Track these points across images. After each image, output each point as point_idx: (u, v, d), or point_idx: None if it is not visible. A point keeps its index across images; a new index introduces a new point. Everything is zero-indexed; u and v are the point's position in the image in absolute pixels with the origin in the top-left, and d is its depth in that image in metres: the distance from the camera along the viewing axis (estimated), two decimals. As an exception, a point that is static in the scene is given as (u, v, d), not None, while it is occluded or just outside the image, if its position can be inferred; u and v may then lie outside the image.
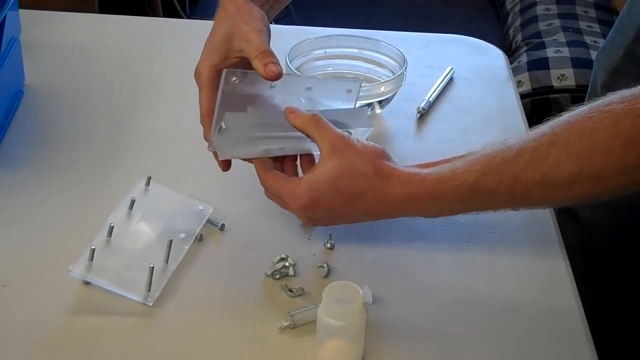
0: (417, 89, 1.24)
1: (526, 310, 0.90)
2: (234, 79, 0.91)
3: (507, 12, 3.22)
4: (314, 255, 0.95)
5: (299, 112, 0.91)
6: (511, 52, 2.89)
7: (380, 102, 1.16)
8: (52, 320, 0.85)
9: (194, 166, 1.07)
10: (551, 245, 0.99)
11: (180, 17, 2.50)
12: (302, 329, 0.85)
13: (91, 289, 0.88)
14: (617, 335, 1.31)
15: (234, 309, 0.88)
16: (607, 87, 1.21)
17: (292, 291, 0.89)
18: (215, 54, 0.94)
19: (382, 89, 1.15)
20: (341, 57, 1.23)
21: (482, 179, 0.84)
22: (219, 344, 0.84)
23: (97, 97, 1.21)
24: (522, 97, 2.55)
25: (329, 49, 1.24)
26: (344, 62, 1.23)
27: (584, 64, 2.65)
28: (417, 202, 0.87)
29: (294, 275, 0.92)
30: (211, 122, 0.93)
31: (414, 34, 1.43)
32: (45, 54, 1.28)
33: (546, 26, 2.91)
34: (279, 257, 0.93)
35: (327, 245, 0.96)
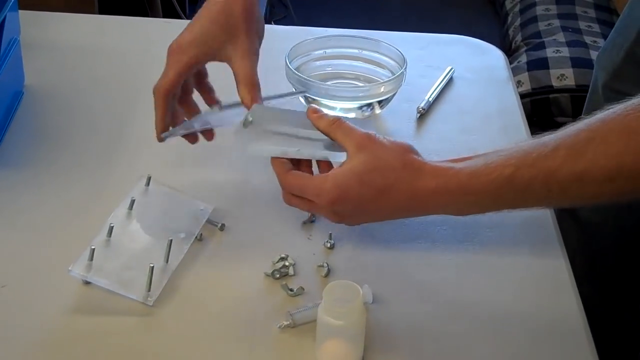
0: (416, 89, 1.24)
1: (526, 309, 0.90)
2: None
3: (506, 12, 3.22)
4: (314, 254, 0.95)
5: (322, 113, 0.91)
6: (511, 52, 2.89)
7: (380, 102, 1.16)
8: (52, 320, 0.85)
9: (194, 166, 1.07)
10: (551, 244, 0.99)
11: (179, 17, 2.50)
12: (302, 328, 0.85)
13: (91, 289, 0.88)
14: (617, 335, 1.31)
15: (234, 308, 0.88)
16: (609, 88, 1.21)
17: (292, 290, 0.89)
18: (207, 45, 0.96)
19: (381, 89, 1.15)
20: (341, 57, 1.23)
21: (518, 172, 0.83)
22: (219, 344, 0.84)
23: (97, 98, 1.21)
24: (522, 97, 2.56)
25: (329, 49, 1.24)
26: (344, 62, 1.24)
27: (584, 63, 2.65)
28: (449, 196, 0.86)
29: (294, 274, 0.92)
30: (164, 100, 0.96)
31: (413, 34, 1.43)
32: (45, 55, 1.28)
33: (546, 26, 2.91)
34: (279, 257, 0.93)
35: (327, 244, 0.96)
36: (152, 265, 0.88)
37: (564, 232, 1.13)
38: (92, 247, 0.88)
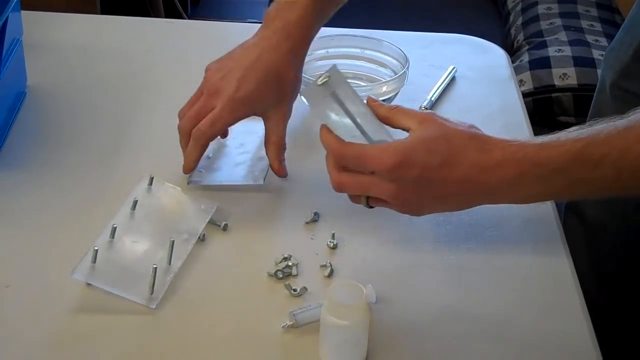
0: (419, 89, 1.23)
1: (529, 309, 0.90)
2: None
3: (508, 11, 3.21)
4: (317, 254, 0.95)
5: (381, 102, 0.90)
6: (513, 52, 2.89)
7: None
8: (55, 320, 0.85)
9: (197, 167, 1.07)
10: (554, 243, 0.98)
11: (181, 17, 2.50)
12: (305, 328, 0.85)
13: (94, 288, 0.88)
14: (623, 335, 1.30)
15: (237, 308, 0.88)
16: (616, 87, 1.21)
17: (295, 290, 0.89)
18: (255, 107, 1.01)
19: (384, 89, 1.15)
20: (343, 57, 1.24)
21: (589, 147, 0.81)
22: (222, 344, 0.84)
23: (99, 98, 1.21)
24: (524, 96, 2.55)
25: (331, 48, 1.24)
26: (346, 62, 1.24)
27: (586, 62, 2.65)
28: (516, 167, 0.83)
29: (297, 274, 0.91)
30: (205, 143, 1.00)
31: (416, 34, 1.43)
32: (47, 55, 1.28)
33: (548, 25, 2.91)
34: (282, 257, 0.93)
35: (330, 244, 0.96)
36: (155, 266, 0.87)
37: (569, 231, 1.12)
38: (95, 249, 0.88)
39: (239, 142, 1.10)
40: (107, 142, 1.11)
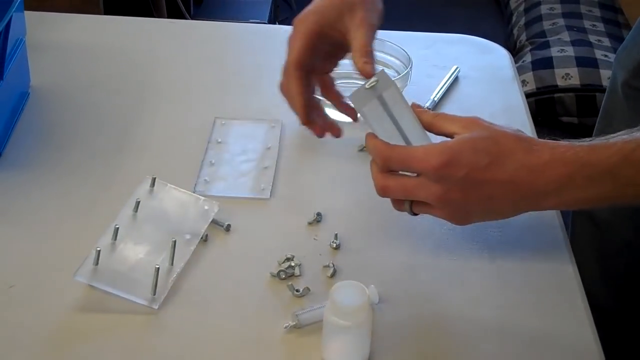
0: (422, 89, 1.23)
1: (532, 310, 0.90)
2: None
3: (511, 11, 3.21)
4: (320, 255, 0.95)
5: (425, 108, 0.89)
6: (515, 52, 2.89)
7: (385, 102, 1.16)
8: (58, 319, 0.86)
9: (199, 167, 1.07)
10: (558, 244, 0.98)
11: (184, 17, 2.50)
12: (308, 328, 0.85)
13: (97, 289, 0.88)
14: (630, 336, 1.30)
15: (239, 309, 0.88)
16: (628, 86, 1.20)
17: (298, 291, 0.89)
18: (326, 14, 0.94)
19: (387, 89, 1.15)
20: (346, 57, 1.23)
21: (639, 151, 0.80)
22: (224, 344, 0.84)
23: (102, 98, 1.21)
24: (527, 96, 2.56)
25: (334, 48, 1.23)
26: (349, 62, 1.23)
27: (589, 63, 2.65)
28: (565, 167, 0.82)
29: (299, 275, 0.91)
30: (299, 72, 0.93)
31: (418, 34, 1.43)
32: (50, 56, 1.28)
33: (550, 25, 2.91)
34: (284, 257, 0.93)
35: (333, 245, 0.95)
36: (157, 267, 0.88)
37: (578, 231, 1.12)
38: (98, 249, 0.88)
39: (240, 147, 1.10)
40: (110, 143, 1.11)
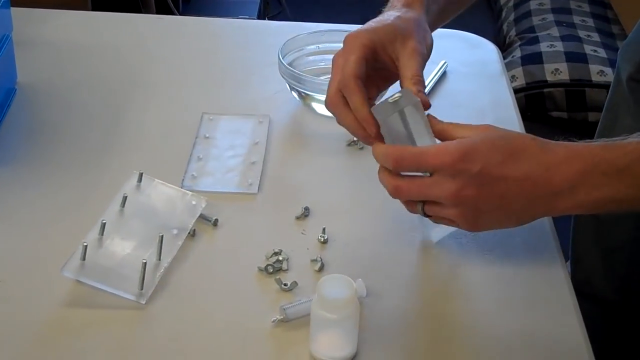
0: (410, 83, 1.23)
1: (520, 302, 0.90)
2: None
3: (500, 7, 3.22)
4: (308, 249, 0.95)
5: (439, 120, 0.89)
6: (505, 47, 2.89)
7: (373, 97, 1.16)
8: (46, 315, 0.85)
9: (187, 162, 1.06)
10: (547, 237, 0.98)
11: (172, 13, 2.50)
12: (295, 322, 0.85)
13: (84, 284, 0.88)
14: (633, 329, 1.29)
15: (227, 303, 0.88)
16: (633, 80, 1.20)
17: (285, 285, 0.89)
18: (381, 34, 0.94)
19: (374, 83, 1.15)
20: (334, 52, 1.22)
21: None
22: (212, 338, 0.84)
23: (90, 94, 1.20)
24: (516, 91, 2.56)
25: (322, 44, 1.24)
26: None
27: (578, 58, 2.65)
28: (581, 163, 0.82)
29: (287, 269, 0.91)
30: (360, 83, 0.91)
31: (406, 29, 1.43)
32: (37, 52, 1.28)
33: (540, 21, 2.91)
34: (272, 251, 0.93)
35: (321, 239, 0.95)
36: (144, 261, 0.87)
37: (580, 225, 1.11)
38: (85, 244, 0.88)
39: (228, 142, 1.10)
40: (98, 139, 1.11)
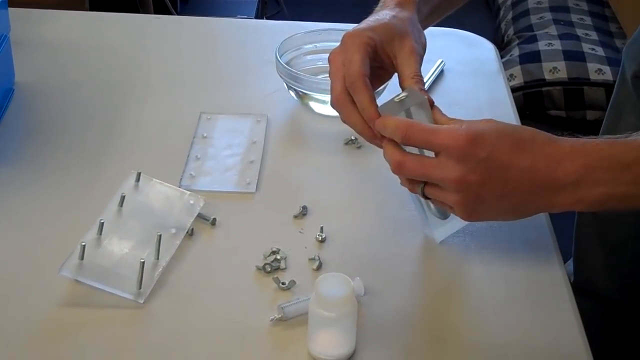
0: (407, 82, 1.23)
1: (518, 300, 0.90)
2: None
3: (498, 5, 3.22)
4: (306, 248, 0.95)
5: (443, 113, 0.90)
6: (503, 46, 2.89)
7: (370, 96, 1.16)
8: (44, 314, 0.86)
9: (185, 161, 1.07)
10: (546, 236, 0.98)
11: (170, 13, 2.50)
12: (294, 321, 0.85)
13: (82, 283, 0.88)
14: (636, 330, 1.29)
15: (225, 302, 0.88)
16: (638, 78, 1.20)
17: (283, 284, 0.89)
18: (379, 33, 0.94)
19: (372, 82, 1.15)
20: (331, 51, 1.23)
21: None
22: (210, 337, 0.84)
23: (88, 94, 1.21)
24: (515, 90, 2.56)
25: (319, 43, 1.24)
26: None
27: (576, 56, 2.65)
28: (584, 157, 0.82)
29: (285, 268, 0.92)
30: (363, 82, 0.90)
31: (404, 28, 1.43)
32: (35, 52, 1.28)
33: (538, 19, 2.91)
34: (270, 250, 0.93)
35: (319, 238, 0.96)
36: (142, 260, 0.88)
37: (583, 222, 1.11)
38: (83, 244, 0.88)
39: (226, 142, 1.10)
40: (96, 139, 1.11)
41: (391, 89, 1.09)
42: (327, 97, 1.14)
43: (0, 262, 0.92)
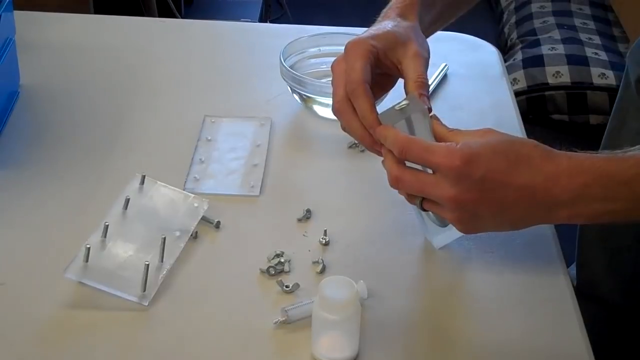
0: (411, 86, 1.24)
1: (521, 304, 0.91)
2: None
3: (502, 9, 3.22)
4: (310, 251, 0.95)
5: (442, 123, 0.89)
6: (506, 50, 2.90)
7: (374, 99, 1.16)
8: (48, 317, 0.86)
9: (189, 164, 1.07)
10: (548, 240, 0.99)
11: (175, 17, 2.50)
12: (297, 324, 0.85)
13: (87, 286, 0.88)
14: (639, 334, 1.29)
15: (229, 305, 0.88)
16: None
17: (287, 287, 0.89)
18: (382, 40, 0.94)
19: (376, 86, 1.15)
20: (335, 55, 1.21)
21: None
22: (214, 340, 0.84)
23: (92, 97, 1.21)
24: (518, 94, 2.56)
25: (323, 47, 1.24)
26: (336, 58, 1.24)
27: (579, 61, 2.66)
28: (581, 177, 0.81)
29: (289, 271, 0.92)
30: (364, 89, 0.90)
31: (408, 32, 1.43)
32: (40, 55, 1.28)
33: (541, 24, 2.92)
34: (274, 253, 0.93)
35: (322, 241, 0.96)
36: (147, 263, 0.88)
37: (585, 227, 1.10)
38: (88, 246, 0.88)
39: (229, 145, 1.11)
40: (101, 141, 1.12)
41: (393, 95, 1.09)
42: (330, 101, 1.14)
43: (5, 264, 0.92)
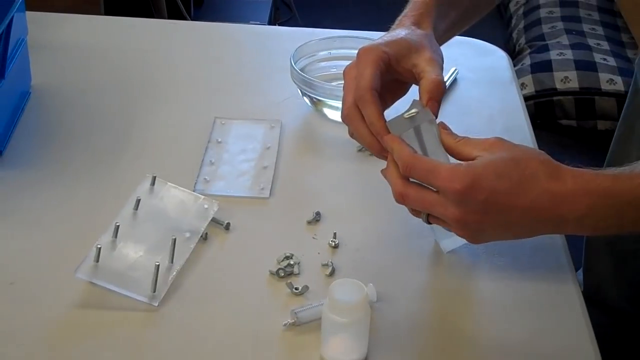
0: (420, 90, 1.24)
1: (530, 309, 0.91)
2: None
3: (510, 15, 3.22)
4: (319, 253, 0.95)
5: (451, 131, 0.89)
6: (515, 55, 2.89)
7: (384, 103, 1.16)
8: (58, 317, 0.86)
9: (199, 166, 1.07)
10: (557, 245, 0.99)
11: (184, 18, 2.51)
12: (306, 326, 0.85)
13: (97, 286, 0.88)
14: None
15: (238, 306, 0.88)
16: None
17: (297, 289, 0.89)
18: (395, 47, 0.93)
19: (386, 90, 1.16)
20: (345, 58, 1.24)
21: None
22: (224, 341, 0.85)
23: (104, 98, 1.21)
24: (526, 99, 2.56)
25: (334, 50, 1.24)
26: (349, 63, 1.24)
27: (588, 66, 2.66)
28: (588, 198, 0.81)
29: (298, 273, 0.92)
30: (376, 95, 0.90)
31: (417, 36, 1.43)
32: (51, 55, 1.29)
33: (549, 29, 2.92)
34: (284, 255, 0.93)
35: (332, 243, 0.96)
36: (157, 264, 0.88)
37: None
38: (98, 246, 0.89)
39: (240, 147, 1.11)
40: (111, 142, 1.12)
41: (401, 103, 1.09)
42: (340, 104, 1.15)
43: (16, 263, 0.93)
